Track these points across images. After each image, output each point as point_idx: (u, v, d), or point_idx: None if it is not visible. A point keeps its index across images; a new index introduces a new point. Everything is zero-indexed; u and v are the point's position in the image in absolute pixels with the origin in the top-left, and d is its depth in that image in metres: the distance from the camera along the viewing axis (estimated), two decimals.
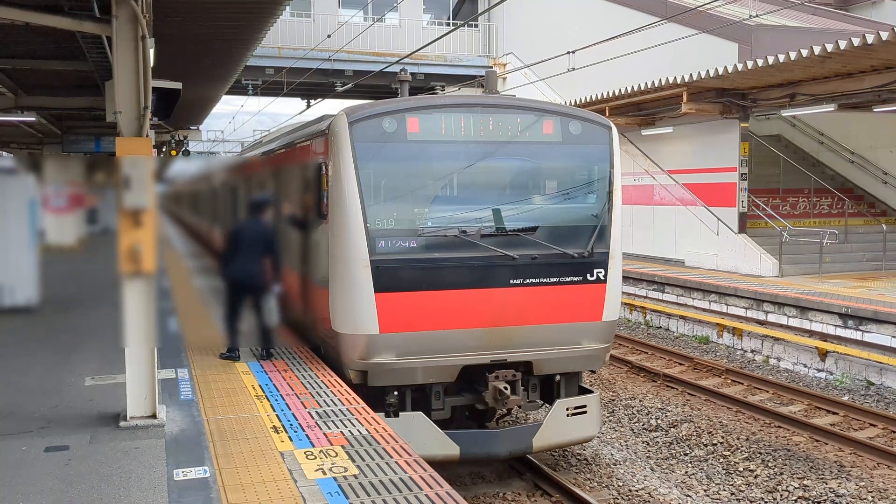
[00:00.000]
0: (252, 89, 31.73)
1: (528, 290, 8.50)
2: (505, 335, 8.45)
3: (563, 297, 8.65)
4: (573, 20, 28.87)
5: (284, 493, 5.30)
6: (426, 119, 8.41)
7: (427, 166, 8.52)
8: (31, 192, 11.97)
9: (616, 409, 11.87)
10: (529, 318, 8.52)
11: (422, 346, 8.21)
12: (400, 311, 8.10)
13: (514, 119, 8.72)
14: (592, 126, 9.00)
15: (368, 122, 8.21)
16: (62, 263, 12.44)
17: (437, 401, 8.56)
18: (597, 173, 8.95)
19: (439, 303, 8.22)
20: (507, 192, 8.81)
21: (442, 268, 8.27)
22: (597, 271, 8.76)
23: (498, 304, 8.39)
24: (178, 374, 8.48)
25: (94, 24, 7.10)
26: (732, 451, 9.97)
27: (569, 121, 8.92)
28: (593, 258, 8.74)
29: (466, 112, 8.55)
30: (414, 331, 8.17)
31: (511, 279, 8.45)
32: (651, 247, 21.61)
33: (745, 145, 18.43)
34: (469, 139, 8.49)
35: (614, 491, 8.94)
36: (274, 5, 9.91)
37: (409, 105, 8.53)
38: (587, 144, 8.97)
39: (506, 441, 8.67)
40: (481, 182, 8.65)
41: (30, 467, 5.78)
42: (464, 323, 8.31)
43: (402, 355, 8.17)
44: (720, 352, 15.42)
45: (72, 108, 16.77)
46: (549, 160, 8.99)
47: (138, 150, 6.43)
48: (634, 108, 20.52)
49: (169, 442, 6.31)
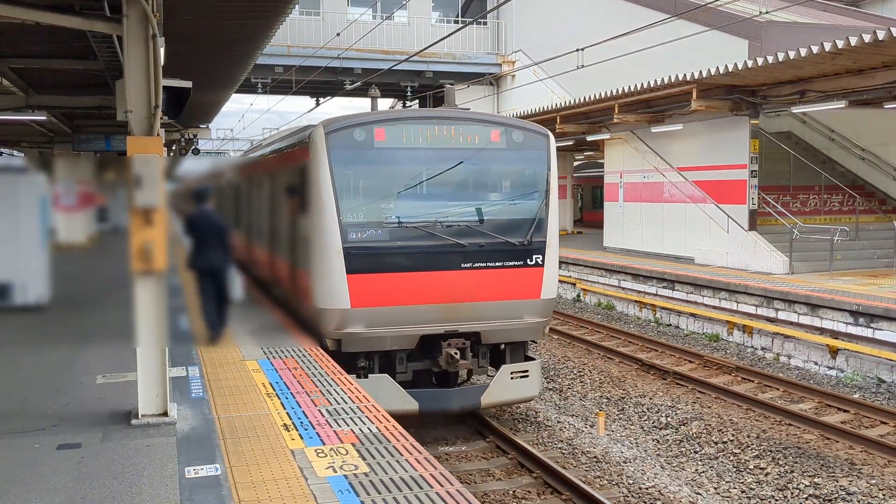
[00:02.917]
0: (261, 88, 31.80)
1: (476, 273, 10.04)
2: (456, 310, 9.96)
3: (507, 278, 10.17)
4: (582, 17, 28.83)
5: (295, 490, 5.31)
6: (391, 129, 10.01)
7: (391, 169, 10.04)
8: (41, 191, 12.01)
9: (626, 407, 11.86)
10: (477, 296, 10.04)
11: (387, 319, 9.73)
12: (368, 290, 9.63)
13: (465, 129, 10.27)
14: (532, 135, 10.56)
15: (342, 132, 9.80)
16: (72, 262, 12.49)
17: (400, 365, 10.07)
18: (536, 175, 10.51)
19: (401, 283, 9.78)
20: (460, 191, 10.38)
21: (403, 253, 9.83)
22: (535, 257, 10.30)
23: (451, 284, 9.93)
24: (188, 373, 8.51)
25: (105, 23, 7.12)
26: (743, 449, 9.94)
27: (512, 130, 10.49)
28: (532, 246, 10.25)
29: (425, 123, 10.19)
30: (380, 306, 9.70)
31: (462, 263, 9.97)
32: (661, 244, 21.56)
33: (756, 142, 18.37)
34: (427, 146, 10.04)
35: (624, 489, 8.93)
36: (283, 4, 9.91)
37: (377, 118, 10.21)
38: (528, 150, 10.51)
39: (457, 398, 10.28)
40: (437, 182, 10.11)
41: (42, 465, 5.81)
42: (422, 300, 9.84)
43: (371, 326, 9.69)
44: (730, 349, 15.38)
45: (82, 107, 16.82)
46: (495, 163, 10.53)
47: (149, 148, 6.45)
48: (644, 106, 20.47)
49: (180, 440, 6.33)
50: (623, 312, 19.40)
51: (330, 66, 29.49)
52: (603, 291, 20.32)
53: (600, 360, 14.77)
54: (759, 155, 18.50)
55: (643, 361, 14.22)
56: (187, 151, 26.62)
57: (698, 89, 17.56)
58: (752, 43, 20.28)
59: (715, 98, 17.93)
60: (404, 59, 23.84)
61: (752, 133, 18.30)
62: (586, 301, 21.02)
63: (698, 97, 17.67)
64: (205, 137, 28.75)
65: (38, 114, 16.01)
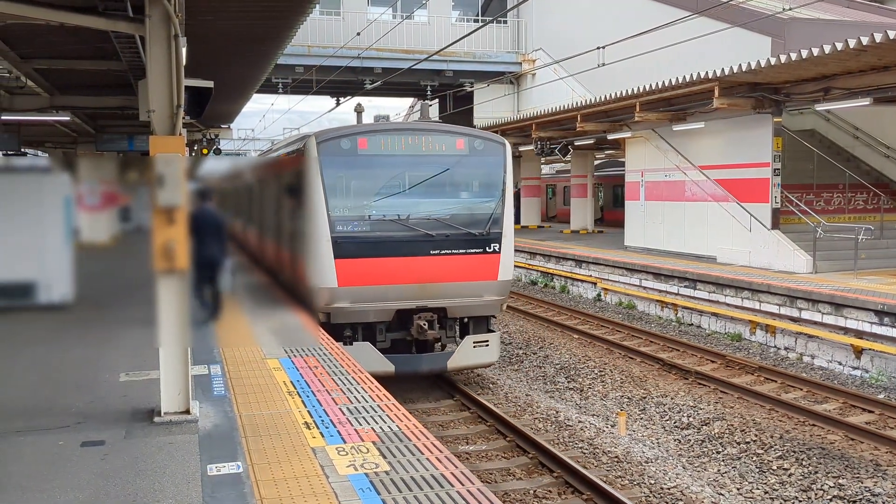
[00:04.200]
0: (282, 88, 31.93)
1: (443, 258, 11.89)
2: (426, 289, 11.82)
3: (469, 263, 12.02)
4: (603, 15, 28.72)
5: (316, 488, 5.33)
6: (372, 139, 11.90)
7: (372, 172, 11.97)
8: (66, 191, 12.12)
9: (647, 407, 11.80)
10: (444, 277, 11.90)
11: (368, 296, 11.60)
12: (352, 272, 11.51)
13: (434, 138, 12.20)
14: (491, 143, 12.40)
15: (331, 142, 11.70)
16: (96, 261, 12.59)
17: (380, 335, 11.92)
18: (494, 177, 12.35)
19: (380, 266, 11.64)
20: (430, 190, 12.10)
21: (382, 242, 11.68)
22: (493, 245, 12.13)
23: (421, 267, 11.77)
24: (210, 371, 8.56)
25: (128, 23, 7.17)
26: (766, 450, 9.86)
27: (474, 139, 12.36)
28: (490, 236, 12.11)
29: (400, 134, 12.19)
30: (362, 285, 11.55)
31: (431, 250, 11.82)
32: (682, 243, 21.42)
33: (779, 140, 18.21)
34: (402, 153, 11.98)
35: (646, 489, 8.88)
36: (304, 3, 9.95)
37: (360, 129, 12.32)
38: (487, 156, 12.32)
39: (427, 362, 12.07)
40: (411, 183, 12.03)
41: (67, 461, 5.87)
42: (397, 280, 11.69)
43: (355, 301, 11.57)
44: (753, 349, 15.26)
45: (105, 108, 16.97)
46: (459, 167, 12.32)
47: (171, 148, 6.49)
48: (665, 104, 20.35)
49: (202, 437, 6.37)
50: (644, 312, 19.30)
51: (350, 66, 29.55)
52: (624, 291, 20.23)
53: (621, 359, 14.70)
54: (782, 153, 18.33)
55: (665, 361, 14.14)
56: (209, 151, 26.75)
57: (720, 87, 17.42)
58: (775, 40, 20.12)
59: (737, 96, 17.79)
60: (424, 58, 23.85)
61: (775, 131, 18.14)
62: (607, 300, 20.94)
63: (720, 95, 17.53)
64: (226, 137, 28.91)
65: (62, 114, 16.17)
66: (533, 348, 15.61)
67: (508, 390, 13.01)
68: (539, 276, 24.79)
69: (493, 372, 14.39)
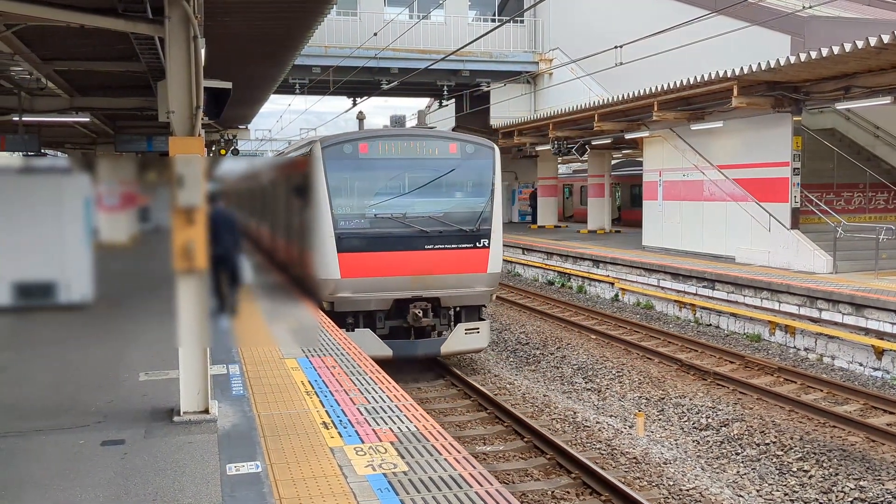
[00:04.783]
0: (299, 88, 32.00)
1: (436, 252, 12.88)
2: (421, 280, 12.83)
3: (460, 257, 13.01)
4: (620, 14, 28.61)
5: (335, 488, 5.33)
6: (372, 144, 12.89)
7: (372, 174, 12.99)
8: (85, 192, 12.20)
9: (666, 408, 11.74)
10: (437, 269, 12.87)
11: (368, 286, 12.62)
12: (354, 265, 12.53)
13: (428, 143, 13.21)
14: (481, 147, 13.40)
15: (334, 147, 12.70)
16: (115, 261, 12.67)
17: (379, 322, 12.89)
18: (483, 178, 13.27)
19: (379, 260, 12.67)
20: (425, 190, 13.12)
21: (381, 238, 12.69)
22: (482, 241, 13.10)
23: (416, 261, 12.77)
24: (229, 370, 8.59)
25: (148, 25, 7.21)
26: (786, 451, 9.79)
27: (465, 144, 13.37)
28: (479, 232, 13.08)
29: (398, 139, 13.17)
30: (362, 277, 12.58)
31: (425, 245, 12.81)
32: (700, 243, 21.31)
33: (798, 139, 18.08)
34: (399, 156, 13.00)
35: (664, 490, 8.84)
36: (322, 4, 9.97)
37: (362, 135, 13.33)
38: (477, 159, 13.29)
39: (422, 347, 13.10)
40: (408, 184, 13.10)
41: (88, 460, 5.90)
42: (394, 272, 12.70)
43: (356, 292, 12.59)
44: (772, 350, 15.16)
45: (124, 109, 17.10)
46: (453, 170, 13.26)
47: (191, 149, 6.52)
48: (683, 103, 20.25)
49: (221, 437, 6.39)
50: (662, 312, 19.21)
51: (367, 66, 29.58)
52: (642, 291, 20.14)
53: (639, 360, 14.63)
54: (801, 152, 18.20)
55: (683, 362, 14.07)
56: (227, 152, 26.87)
57: (739, 86, 17.31)
58: (794, 38, 19.96)
59: (756, 95, 17.67)
60: (441, 58, 23.84)
61: (794, 130, 18.01)
62: (625, 300, 20.85)
63: (739, 94, 17.43)
64: (244, 138, 29.05)
65: (81, 115, 16.31)
66: (550, 349, 15.58)
67: (526, 391, 12.98)
68: (556, 276, 24.73)
69: (510, 372, 14.37)
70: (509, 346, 16.26)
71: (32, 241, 11.62)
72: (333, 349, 9.76)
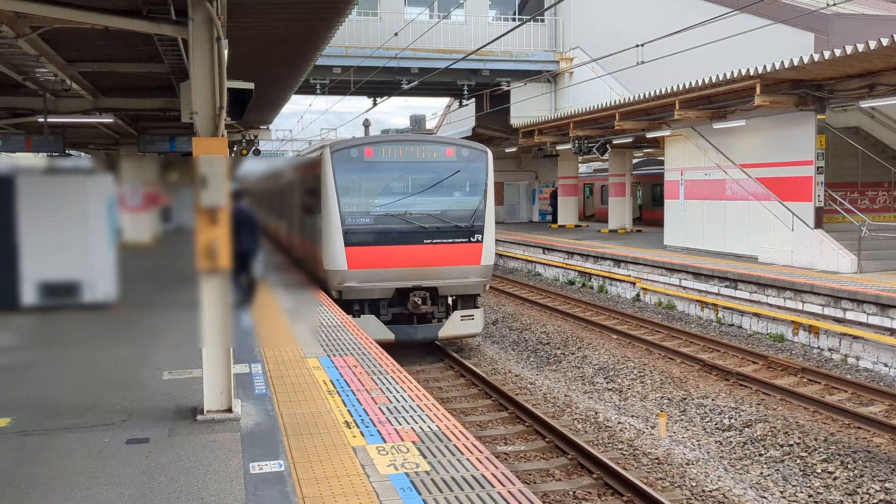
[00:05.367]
0: (320, 89, 32.09)
1: (434, 246, 14.14)
2: (420, 272, 14.07)
3: (456, 250, 14.25)
4: (641, 13, 28.48)
5: (358, 487, 5.35)
6: (376, 148, 14.24)
7: (376, 175, 14.19)
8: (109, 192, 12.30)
9: (688, 408, 11.67)
10: (435, 262, 14.11)
11: (372, 277, 13.95)
12: (360, 257, 13.85)
13: (427, 147, 14.54)
14: (475, 151, 14.64)
15: (342, 151, 14.05)
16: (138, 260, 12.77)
17: (383, 309, 14.21)
18: (477, 179, 14.49)
19: (382, 253, 13.93)
20: (423, 190, 14.32)
21: (384, 233, 13.99)
22: (476, 236, 14.33)
23: (416, 254, 14.03)
24: (251, 369, 8.64)
25: (171, 26, 7.26)
26: (810, 452, 9.70)
27: (461, 148, 14.64)
28: (473, 228, 14.31)
29: (399, 144, 14.52)
30: (367, 268, 13.91)
31: (424, 240, 14.07)
32: (723, 243, 21.17)
33: (822, 138, 17.91)
34: (401, 160, 14.24)
35: (687, 491, 8.79)
36: (343, 4, 9.99)
37: (367, 141, 14.78)
38: (472, 162, 14.50)
39: (421, 331, 14.39)
40: (408, 185, 14.28)
41: (113, 458, 5.96)
42: (396, 264, 13.96)
43: (362, 282, 13.92)
44: (795, 350, 15.03)
45: (147, 110, 17.23)
46: (448, 172, 14.44)
47: (214, 149, 6.55)
48: (705, 102, 20.11)
49: (244, 435, 6.43)
50: (684, 312, 19.10)
51: (387, 67, 29.62)
52: (664, 291, 20.04)
53: (661, 360, 14.56)
54: (825, 151, 18.02)
55: (705, 362, 13.98)
56: (248, 152, 26.99)
57: (762, 84, 17.18)
58: (818, 36, 19.78)
59: (779, 93, 17.52)
60: (461, 57, 23.83)
61: (818, 128, 17.84)
62: (646, 300, 20.76)
63: (762, 92, 17.29)
64: (265, 138, 29.15)
65: (105, 116, 16.45)
66: (571, 348, 15.53)
67: (547, 391, 12.96)
68: (577, 276, 24.66)
69: (531, 372, 14.35)
70: (530, 346, 16.24)
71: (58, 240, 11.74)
72: (355, 348, 9.78)
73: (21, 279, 11.38)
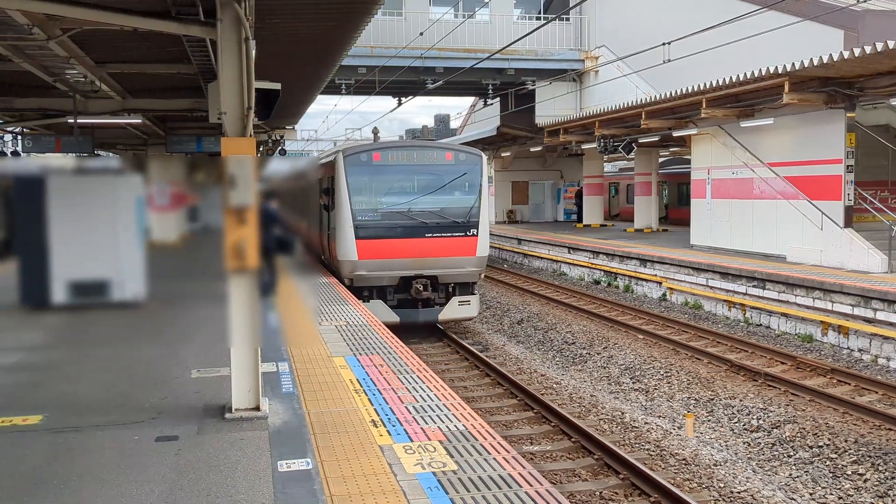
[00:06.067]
0: (345, 89, 32.21)
1: (434, 239, 15.66)
2: (422, 262, 15.67)
3: (454, 243, 15.76)
4: (668, 11, 28.30)
5: (385, 486, 5.36)
6: (383, 153, 15.94)
7: (384, 177, 15.87)
8: (138, 192, 12.42)
9: (715, 409, 11.58)
10: (435, 253, 15.66)
11: (380, 266, 15.55)
12: (369, 249, 15.45)
13: (429, 152, 16.19)
14: (471, 155, 16.34)
15: (354, 156, 15.79)
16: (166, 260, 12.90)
17: (389, 295, 15.83)
18: (473, 180, 16.04)
19: (389, 245, 15.53)
20: (425, 190, 15.90)
21: (390, 227, 15.57)
22: (472, 230, 15.85)
23: (418, 246, 15.58)
24: (278, 368, 8.69)
25: (200, 27, 7.32)
26: (840, 454, 9.59)
27: (458, 153, 16.33)
28: (469, 224, 15.85)
29: (404, 149, 16.31)
30: (376, 258, 15.49)
31: (426, 234, 15.62)
32: (750, 242, 20.99)
33: (852, 136, 17.69)
34: (405, 163, 15.91)
35: (715, 492, 8.72)
36: (370, 4, 10.01)
37: (375, 146, 16.42)
38: (468, 165, 16.11)
39: (423, 315, 15.96)
40: (412, 185, 15.92)
41: (142, 456, 6.02)
42: (401, 255, 15.56)
43: (371, 270, 15.52)
44: (825, 351, 14.86)
45: (175, 110, 17.36)
46: (447, 174, 16.05)
47: (242, 149, 6.59)
48: (732, 100, 19.95)
49: (272, 433, 6.47)
50: (711, 312, 18.96)
51: (412, 66, 29.67)
52: (690, 290, 19.90)
53: (688, 360, 14.46)
54: (855, 149, 17.81)
55: (733, 362, 13.86)
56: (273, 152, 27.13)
57: (790, 82, 17.01)
58: (847, 33, 19.55)
59: (808, 91, 17.34)
60: (486, 57, 23.81)
61: (847, 126, 17.63)
62: (672, 300, 20.62)
63: (791, 90, 17.12)
64: (291, 139, 29.27)
65: (133, 117, 16.60)
66: (597, 348, 15.47)
67: (573, 391, 12.91)
68: (602, 276, 24.55)
69: (556, 372, 14.31)
70: (556, 346, 16.19)
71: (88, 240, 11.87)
72: (381, 348, 9.81)
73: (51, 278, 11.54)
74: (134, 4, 7.40)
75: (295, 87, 16.22)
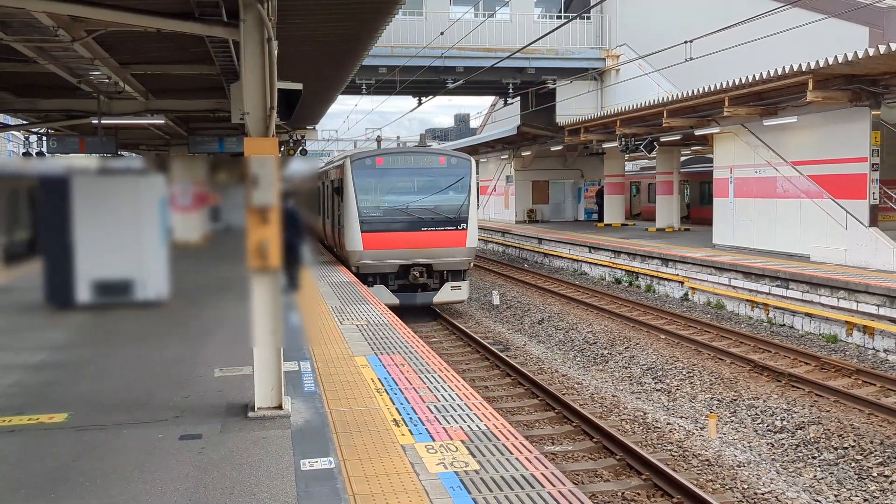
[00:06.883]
0: (365, 88, 32.26)
1: (429, 233, 18.05)
2: (419, 252, 18.01)
3: (446, 236, 18.16)
4: (689, 8, 28.13)
5: (407, 485, 5.37)
6: (385, 158, 18.58)
7: (386, 179, 18.27)
8: (161, 192, 12.51)
9: (738, 410, 11.50)
10: (430, 244, 18.02)
11: (382, 256, 17.89)
12: (373, 240, 17.81)
13: (425, 157, 18.85)
14: (462, 160, 18.72)
15: (360, 160, 18.26)
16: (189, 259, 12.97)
17: (390, 281, 18.17)
18: (463, 182, 18.43)
19: (390, 237, 17.91)
20: (422, 190, 18.26)
21: (391, 222, 18.00)
22: (462, 224, 18.24)
23: (415, 238, 17.97)
24: (300, 367, 8.73)
25: (223, 28, 7.36)
26: (865, 456, 9.49)
27: (450, 157, 18.78)
28: (460, 219, 18.21)
29: (404, 155, 19.08)
30: (379, 249, 17.81)
31: (422, 227, 18.03)
32: (773, 241, 20.81)
33: (877, 134, 17.50)
34: (405, 167, 18.40)
35: (738, 494, 8.66)
36: (391, 4, 10.02)
37: (379, 153, 19.33)
38: (459, 168, 18.54)
39: (420, 298, 18.35)
40: (411, 186, 18.29)
41: (166, 454, 6.06)
42: (400, 246, 17.91)
43: (374, 259, 17.87)
44: (849, 351, 14.71)
45: (197, 111, 17.49)
46: (441, 176, 18.47)
47: (265, 149, 6.63)
48: (755, 98, 19.79)
49: (295, 432, 6.49)
50: (734, 312, 18.82)
51: (432, 66, 29.67)
52: (712, 290, 19.77)
53: (710, 360, 14.36)
54: (880, 147, 17.61)
55: (756, 363, 13.75)
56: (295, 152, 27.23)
57: (814, 80, 16.85)
58: (873, 30, 19.34)
59: (833, 89, 17.17)
60: (506, 56, 23.77)
61: (873, 124, 17.44)
62: (694, 300, 20.49)
63: (815, 88, 16.96)
64: (311, 139, 29.37)
65: (156, 117, 16.74)
66: (618, 348, 15.40)
67: (594, 391, 12.87)
68: (623, 275, 24.44)
69: (577, 372, 14.27)
70: (577, 346, 16.14)
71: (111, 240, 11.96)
72: (402, 347, 9.82)
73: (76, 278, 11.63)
74: (158, 6, 7.46)
75: (316, 88, 16.27)
